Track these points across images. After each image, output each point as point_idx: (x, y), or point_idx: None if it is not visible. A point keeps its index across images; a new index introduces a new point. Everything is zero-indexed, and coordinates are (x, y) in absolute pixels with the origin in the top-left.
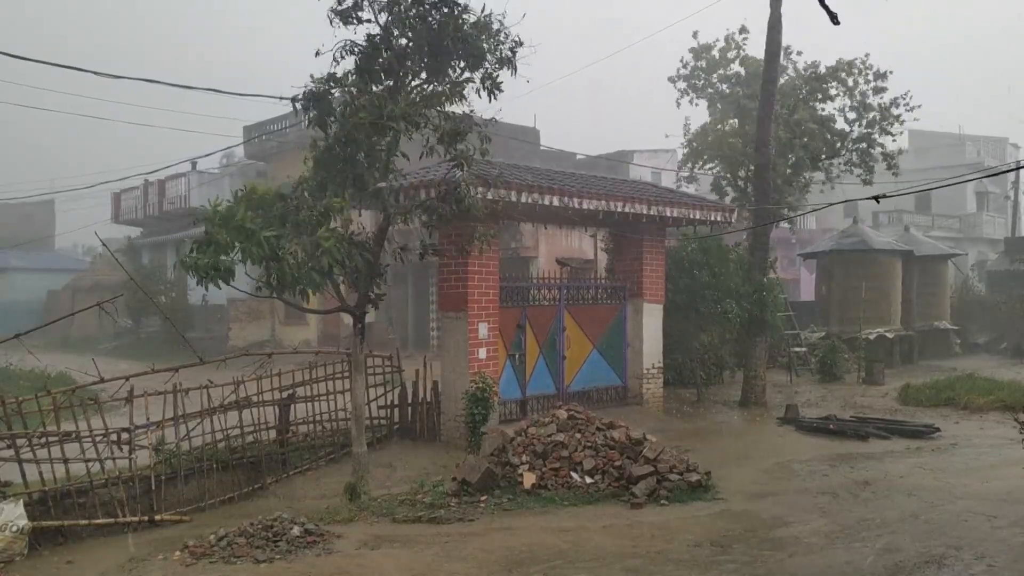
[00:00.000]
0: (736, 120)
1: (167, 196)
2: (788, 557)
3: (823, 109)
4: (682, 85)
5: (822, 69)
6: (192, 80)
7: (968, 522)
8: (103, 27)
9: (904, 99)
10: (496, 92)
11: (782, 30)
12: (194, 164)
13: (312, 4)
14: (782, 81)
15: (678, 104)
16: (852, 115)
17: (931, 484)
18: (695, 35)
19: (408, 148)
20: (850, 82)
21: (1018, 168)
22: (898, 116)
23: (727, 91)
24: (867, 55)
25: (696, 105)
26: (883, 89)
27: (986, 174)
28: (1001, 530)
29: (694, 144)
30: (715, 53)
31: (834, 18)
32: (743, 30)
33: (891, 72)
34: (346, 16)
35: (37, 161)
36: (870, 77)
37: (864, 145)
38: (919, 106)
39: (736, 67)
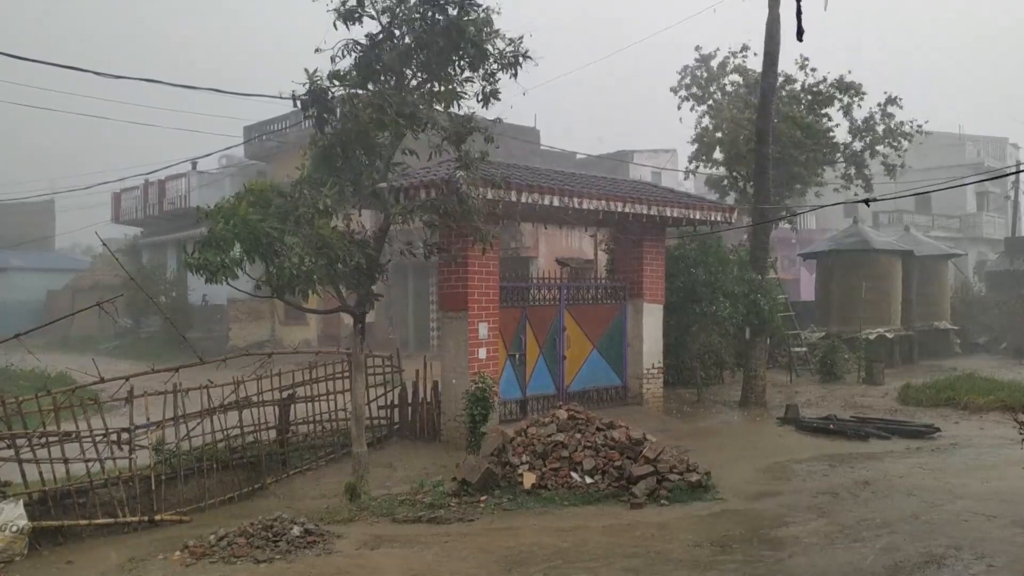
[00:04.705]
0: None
1: (167, 196)
2: (788, 557)
3: (826, 117)
4: (683, 93)
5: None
6: (193, 79)
7: (968, 522)
8: (104, 27)
9: (912, 123)
10: (494, 99)
11: (780, 30)
12: (194, 164)
13: (314, 3)
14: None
15: (678, 107)
16: (848, 137)
17: (931, 484)
18: (697, 49)
19: (416, 147)
20: (845, 100)
21: (1018, 172)
22: (906, 134)
23: (724, 98)
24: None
25: (695, 111)
26: (891, 116)
27: (984, 178)
28: (1001, 530)
29: (705, 139)
30: (714, 64)
31: (800, 34)
32: (743, 48)
33: (900, 99)
34: (349, 16)
35: (37, 161)
36: (880, 101)
37: (859, 165)
38: (926, 122)
39: (736, 77)
